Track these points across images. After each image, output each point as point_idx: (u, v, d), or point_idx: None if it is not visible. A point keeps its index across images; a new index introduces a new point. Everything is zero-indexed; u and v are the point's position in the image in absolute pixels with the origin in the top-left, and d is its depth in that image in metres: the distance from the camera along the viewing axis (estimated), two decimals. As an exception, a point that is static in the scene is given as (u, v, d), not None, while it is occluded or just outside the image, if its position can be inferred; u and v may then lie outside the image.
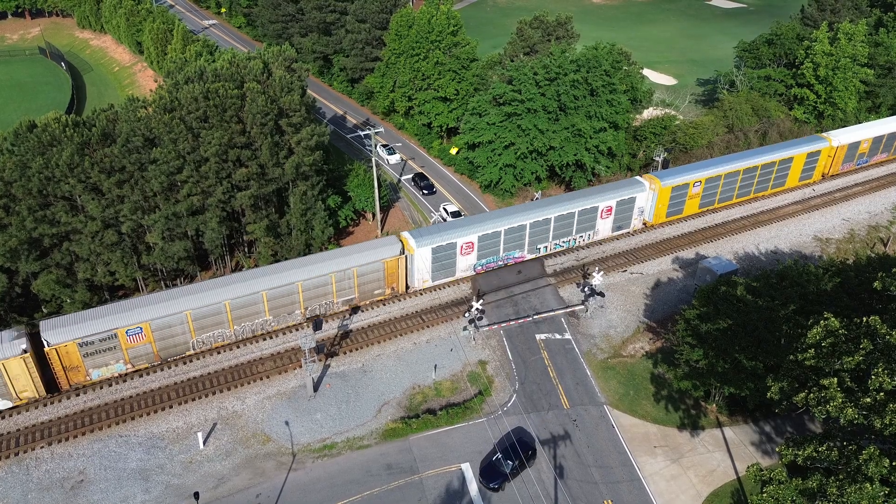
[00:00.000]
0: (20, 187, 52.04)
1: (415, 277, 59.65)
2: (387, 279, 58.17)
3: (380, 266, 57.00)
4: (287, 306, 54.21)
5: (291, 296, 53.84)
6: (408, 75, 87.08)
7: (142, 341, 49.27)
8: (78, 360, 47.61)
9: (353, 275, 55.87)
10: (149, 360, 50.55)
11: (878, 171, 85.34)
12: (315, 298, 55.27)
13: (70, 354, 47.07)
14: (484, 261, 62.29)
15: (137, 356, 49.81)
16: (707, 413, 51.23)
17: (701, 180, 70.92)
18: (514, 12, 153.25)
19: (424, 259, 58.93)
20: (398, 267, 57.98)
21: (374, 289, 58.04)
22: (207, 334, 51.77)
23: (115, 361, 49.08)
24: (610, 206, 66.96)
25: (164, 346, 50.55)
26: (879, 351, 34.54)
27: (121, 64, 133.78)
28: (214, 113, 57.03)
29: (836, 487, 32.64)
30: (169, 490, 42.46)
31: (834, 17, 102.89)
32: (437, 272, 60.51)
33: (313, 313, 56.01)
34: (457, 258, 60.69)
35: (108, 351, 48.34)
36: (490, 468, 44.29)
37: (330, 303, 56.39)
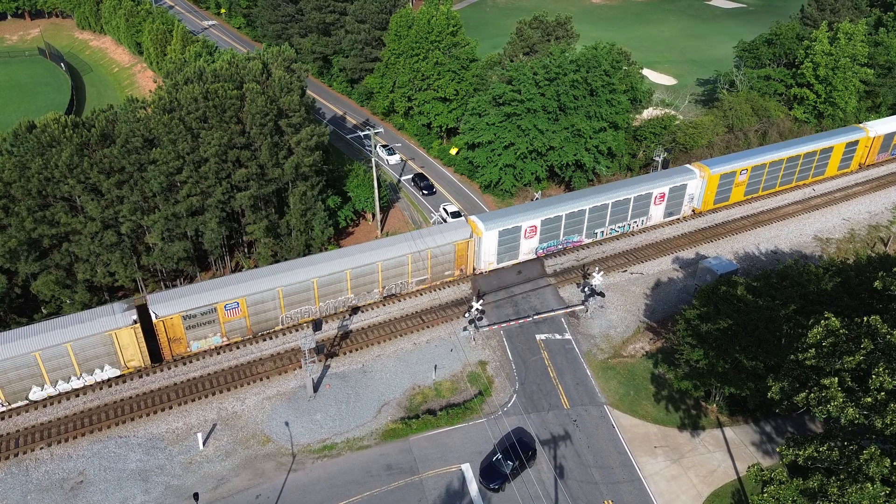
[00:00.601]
0: (20, 188, 52.00)
1: (481, 260, 62.07)
2: (457, 261, 61.04)
3: (451, 248, 59.99)
4: (367, 285, 57.26)
5: (372, 275, 56.93)
6: (407, 76, 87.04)
7: (237, 315, 52.50)
8: (181, 332, 50.88)
9: (427, 256, 58.94)
10: (242, 333, 53.62)
11: (878, 171, 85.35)
12: (392, 278, 58.28)
13: (175, 326, 50.43)
14: (545, 244, 64.77)
15: (233, 329, 53.03)
16: (707, 413, 51.17)
17: (747, 168, 73.13)
18: (513, 12, 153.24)
19: (491, 242, 61.52)
20: (468, 249, 60.94)
21: (445, 270, 61.02)
22: (295, 310, 54.77)
23: (213, 334, 52.39)
24: (663, 193, 69.36)
25: (256, 321, 53.62)
26: (880, 350, 34.49)
27: (120, 65, 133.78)
28: (214, 113, 56.98)
29: (836, 487, 32.58)
30: (169, 491, 42.40)
31: (834, 17, 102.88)
32: (502, 255, 63.02)
33: (389, 292, 58.94)
34: (521, 241, 63.16)
35: (208, 324, 51.73)
36: (490, 468, 44.23)
37: (404, 283, 59.33)
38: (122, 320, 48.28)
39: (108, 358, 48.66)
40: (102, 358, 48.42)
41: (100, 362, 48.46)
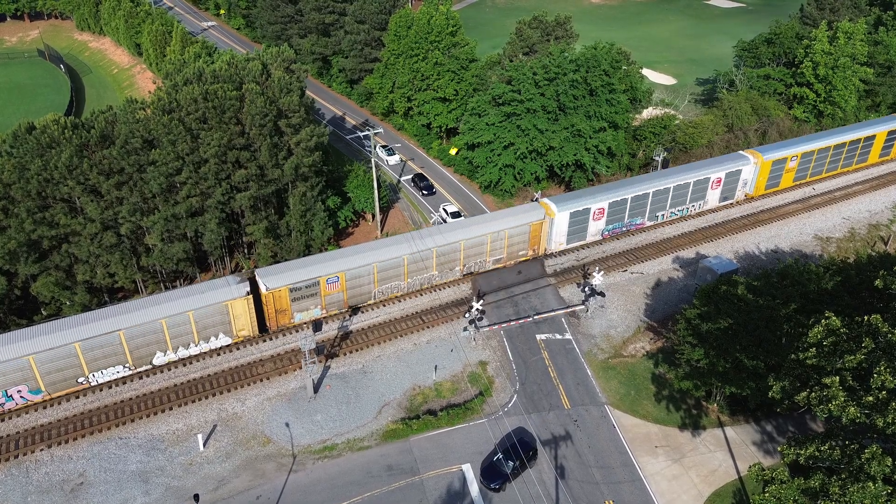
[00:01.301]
0: (19, 189, 51.96)
1: (552, 240, 64.95)
2: (531, 241, 63.75)
3: (526, 229, 62.81)
4: (450, 262, 60.38)
5: (455, 253, 60.12)
6: (407, 76, 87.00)
7: (336, 289, 55.44)
8: (287, 304, 53.93)
9: (504, 236, 61.87)
10: (339, 307, 56.57)
11: (878, 170, 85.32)
12: (472, 256, 61.39)
13: (281, 298, 53.43)
14: (611, 226, 67.70)
15: (331, 303, 55.96)
16: (708, 413, 51.12)
17: (797, 155, 76.16)
18: (513, 12, 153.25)
19: (563, 223, 64.43)
20: (541, 230, 63.71)
21: (519, 250, 63.86)
22: (387, 285, 58.08)
23: (314, 307, 55.37)
24: (720, 178, 72.20)
25: (352, 295, 56.68)
26: (881, 349, 34.45)
27: (120, 66, 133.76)
28: (213, 114, 56.95)
29: (838, 487, 32.53)
30: (169, 492, 42.34)
31: (833, 16, 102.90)
32: (571, 236, 65.92)
33: (469, 270, 62.05)
34: (589, 223, 66.15)
35: (310, 297, 54.72)
36: (491, 468, 44.19)
37: (483, 261, 62.28)
38: (237, 291, 51.49)
39: (223, 327, 52.26)
40: (218, 327, 51.90)
41: (215, 331, 51.91)
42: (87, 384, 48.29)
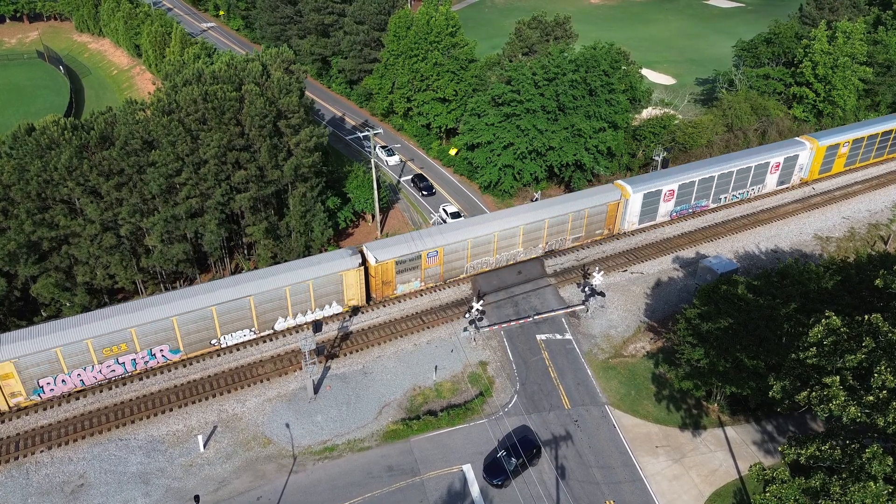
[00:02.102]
0: (19, 190, 51.92)
1: (625, 221, 68.36)
2: (607, 220, 67.48)
3: (604, 209, 66.43)
4: (534, 240, 63.88)
5: (539, 231, 63.58)
6: (406, 76, 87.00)
7: (435, 263, 59.22)
8: (392, 276, 57.70)
9: (584, 215, 65.49)
10: (435, 280, 60.43)
11: (878, 170, 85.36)
12: (554, 235, 64.90)
13: (388, 271, 57.16)
14: (678, 208, 71.23)
15: (429, 276, 59.84)
16: (709, 413, 51.10)
17: (849, 141, 79.49)
18: (512, 13, 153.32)
19: (636, 204, 67.65)
20: (617, 210, 67.26)
21: (596, 229, 67.56)
22: (477, 261, 61.63)
23: (414, 279, 59.26)
24: (779, 162, 75.31)
25: (448, 269, 60.52)
26: (882, 349, 34.42)
27: (119, 67, 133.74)
28: (213, 115, 56.94)
29: (839, 486, 32.49)
30: (169, 493, 42.31)
31: (832, 16, 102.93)
32: (643, 216, 69.37)
33: (551, 247, 65.47)
34: (660, 204, 69.53)
35: (412, 270, 58.65)
36: (494, 465, 44.29)
37: (563, 239, 65.85)
38: (350, 263, 55.23)
39: (336, 296, 55.95)
40: (332, 296, 55.63)
41: (329, 299, 55.62)
42: (217, 346, 52.29)
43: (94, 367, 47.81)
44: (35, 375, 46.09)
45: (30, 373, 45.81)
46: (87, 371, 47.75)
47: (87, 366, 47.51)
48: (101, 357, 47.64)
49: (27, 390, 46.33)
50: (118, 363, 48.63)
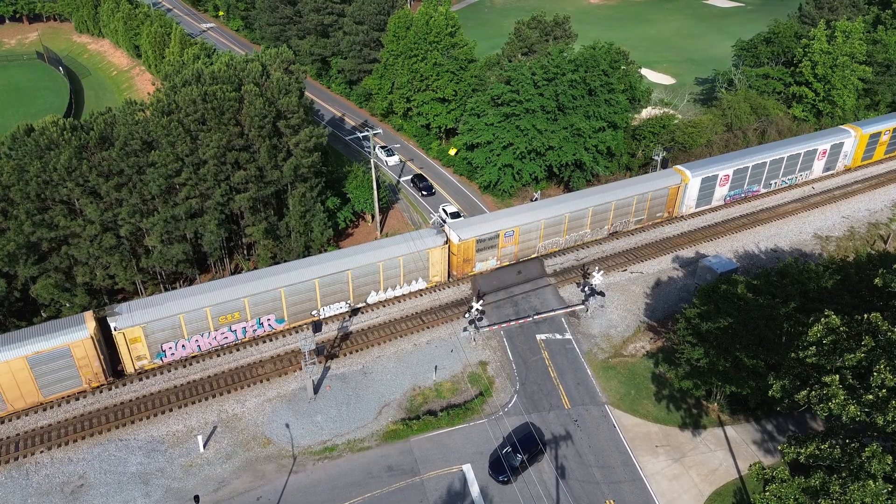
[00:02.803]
0: (18, 191, 51.88)
1: (684, 204, 71.50)
2: (667, 204, 70.53)
3: (665, 192, 69.63)
4: (601, 221, 67.11)
5: (606, 213, 66.66)
6: (406, 76, 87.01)
7: (511, 242, 62.07)
8: (472, 254, 60.78)
9: (648, 198, 68.47)
10: (510, 258, 63.28)
11: (877, 169, 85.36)
12: (619, 217, 67.92)
13: (469, 249, 60.25)
14: (732, 192, 74.58)
15: (504, 255, 62.70)
16: (708, 412, 51.10)
17: (890, 129, 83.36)
18: (511, 13, 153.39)
19: (695, 188, 70.84)
20: (677, 194, 70.35)
21: (657, 212, 70.59)
22: (548, 241, 64.48)
23: (491, 258, 62.06)
24: (825, 149, 79.04)
25: (522, 248, 63.37)
26: (881, 348, 34.44)
27: (119, 68, 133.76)
28: (212, 115, 56.92)
29: (838, 485, 32.51)
30: (169, 494, 42.31)
31: (832, 15, 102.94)
32: (700, 200, 72.49)
33: (615, 229, 68.42)
34: (715, 189, 72.80)
35: (490, 248, 61.54)
36: (499, 461, 44.43)
37: (627, 221, 68.92)
38: (436, 241, 58.55)
39: (422, 272, 59.24)
40: (418, 272, 58.91)
41: (415, 275, 58.88)
42: (317, 317, 55.72)
43: (210, 333, 51.54)
44: (159, 340, 49.80)
45: (155, 337, 49.49)
46: (204, 337, 51.52)
47: (204, 332, 51.29)
48: (216, 324, 51.45)
49: (151, 354, 50.05)
50: (231, 330, 52.42)
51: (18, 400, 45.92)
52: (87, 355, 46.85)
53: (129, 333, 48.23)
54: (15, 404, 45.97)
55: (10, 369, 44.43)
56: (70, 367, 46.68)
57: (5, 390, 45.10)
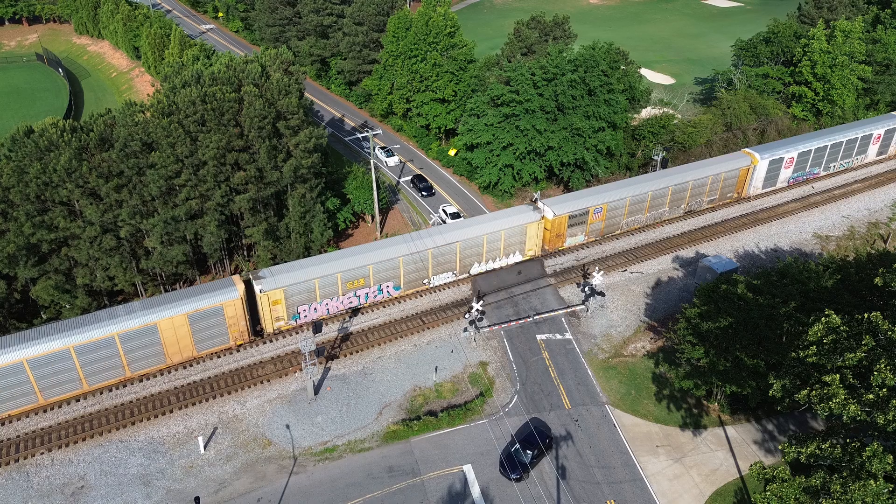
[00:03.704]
0: (18, 193, 51.91)
1: (752, 185, 75.50)
2: (737, 185, 74.50)
3: (736, 173, 73.80)
4: (678, 200, 71.13)
5: (683, 192, 70.86)
6: (405, 77, 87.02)
7: (598, 219, 65.97)
8: (564, 230, 64.86)
9: (721, 179, 72.79)
10: (596, 235, 67.19)
11: (877, 168, 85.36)
12: (695, 196, 72.06)
13: (561, 224, 64.52)
14: (795, 175, 78.81)
15: (592, 231, 66.53)
16: (709, 412, 51.09)
17: None
18: (511, 13, 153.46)
19: (762, 170, 74.90)
20: (747, 175, 74.54)
21: (728, 192, 74.65)
22: (631, 218, 68.64)
23: (580, 233, 66.02)
24: (880, 134, 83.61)
25: (607, 225, 67.54)
26: (881, 347, 34.45)
27: (118, 69, 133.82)
28: (212, 116, 56.94)
29: (839, 485, 32.50)
30: (170, 495, 42.30)
31: (831, 15, 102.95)
32: (766, 181, 76.61)
33: (691, 208, 72.63)
34: (780, 171, 76.92)
35: (579, 225, 65.64)
36: (510, 459, 44.59)
37: (701, 201, 73.06)
38: (533, 217, 62.47)
39: (519, 246, 63.11)
40: (516, 245, 62.91)
41: (514, 249, 62.91)
42: (427, 286, 60.22)
43: (338, 297, 55.84)
44: (296, 303, 54.09)
45: (293, 300, 53.79)
46: (333, 301, 55.80)
47: (333, 296, 55.60)
48: (344, 289, 55.72)
49: (288, 315, 54.25)
50: (355, 295, 56.67)
51: (177, 354, 50.69)
52: (236, 314, 51.69)
53: (272, 296, 52.59)
54: (173, 358, 50.71)
55: (174, 325, 49.26)
56: (221, 325, 51.57)
57: (168, 345, 49.85)
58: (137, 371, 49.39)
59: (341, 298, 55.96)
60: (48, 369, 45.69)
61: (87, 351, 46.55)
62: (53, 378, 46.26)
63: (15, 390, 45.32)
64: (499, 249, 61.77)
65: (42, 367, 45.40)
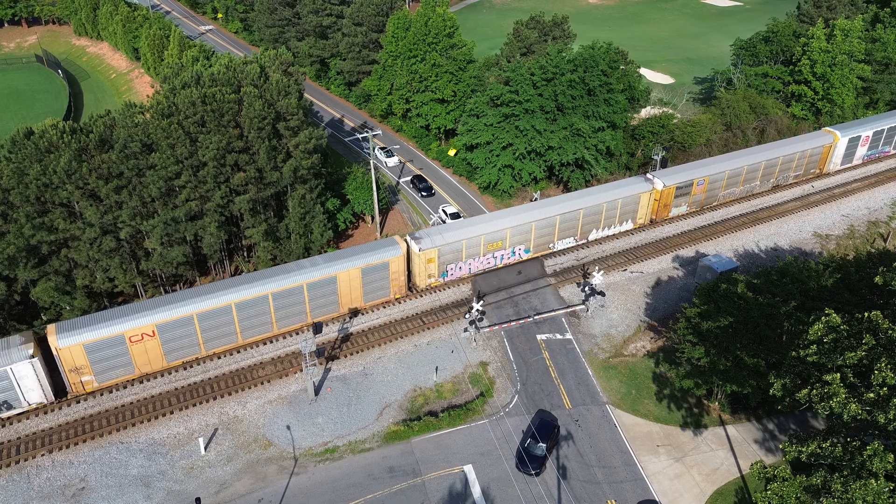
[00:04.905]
0: (18, 194, 51.90)
1: (832, 161, 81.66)
2: (820, 161, 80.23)
3: (820, 150, 79.06)
4: (768, 175, 76.89)
5: (774, 167, 76.51)
6: (405, 77, 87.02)
7: (700, 191, 71.74)
8: (670, 200, 70.27)
9: (807, 155, 78.35)
10: (697, 205, 72.84)
11: (876, 167, 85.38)
12: (782, 171, 77.60)
13: (669, 195, 69.74)
14: (869, 152, 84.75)
15: (693, 202, 72.28)
16: (709, 411, 51.09)
17: None
18: (510, 13, 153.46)
19: (842, 148, 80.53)
20: (829, 152, 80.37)
21: (811, 168, 79.99)
22: (728, 191, 74.54)
23: (683, 204, 71.59)
24: None
25: (707, 197, 73.18)
26: (882, 346, 34.44)
27: (118, 70, 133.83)
28: (212, 118, 56.94)
29: (840, 484, 32.50)
30: (171, 496, 42.30)
31: (830, 14, 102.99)
32: (844, 158, 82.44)
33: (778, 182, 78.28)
34: (857, 148, 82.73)
35: (684, 196, 70.67)
36: (527, 454, 44.86)
37: (787, 176, 78.66)
38: (646, 187, 68.17)
39: (631, 215, 68.43)
40: (629, 214, 68.16)
41: (626, 217, 68.25)
42: (551, 249, 65.39)
43: (479, 258, 61.46)
44: (446, 262, 60.00)
45: (444, 259, 59.67)
46: (475, 261, 61.48)
47: (475, 257, 61.24)
48: (485, 251, 61.28)
49: (438, 273, 60.14)
50: (493, 256, 62.10)
51: (348, 304, 56.70)
52: (399, 270, 57.55)
53: (428, 255, 58.36)
54: (345, 307, 56.69)
55: (349, 277, 55.34)
56: (385, 279, 57.36)
57: (342, 294, 55.84)
58: (315, 318, 55.60)
59: (481, 259, 61.60)
60: (251, 310, 52.25)
61: (281, 297, 52.92)
62: (252, 320, 52.72)
63: (223, 329, 51.82)
64: (614, 217, 67.28)
65: (245, 310, 51.97)
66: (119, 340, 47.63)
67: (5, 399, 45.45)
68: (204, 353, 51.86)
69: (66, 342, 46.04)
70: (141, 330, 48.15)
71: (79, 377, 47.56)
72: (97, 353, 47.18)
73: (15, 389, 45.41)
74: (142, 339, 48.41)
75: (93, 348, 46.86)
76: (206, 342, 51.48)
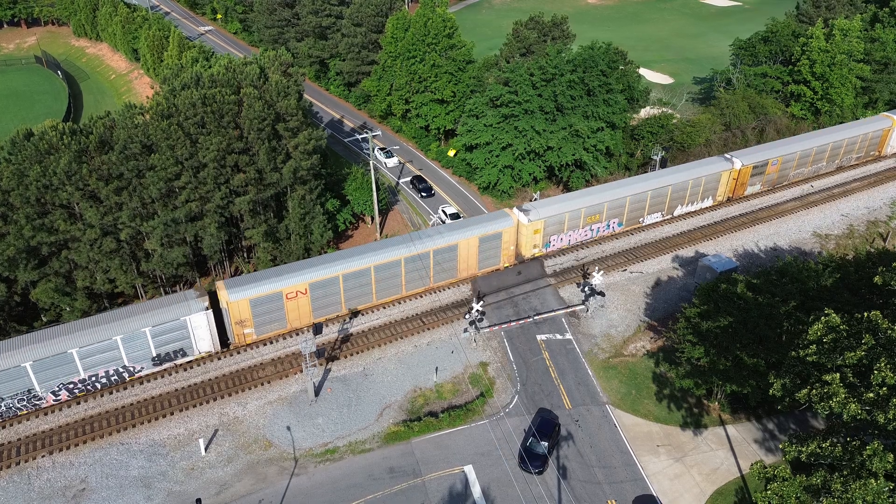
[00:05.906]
0: (18, 196, 51.96)
1: (889, 145, 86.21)
2: (879, 144, 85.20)
3: (880, 133, 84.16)
4: (833, 157, 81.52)
5: (839, 149, 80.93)
6: (404, 78, 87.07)
7: (773, 171, 75.59)
8: (747, 179, 74.47)
9: (868, 138, 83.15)
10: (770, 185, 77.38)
11: (876, 167, 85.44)
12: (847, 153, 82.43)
13: (746, 174, 73.88)
14: None
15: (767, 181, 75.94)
16: (709, 411, 51.13)
17: None
18: (509, 13, 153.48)
19: None
20: (888, 136, 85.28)
21: (871, 151, 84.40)
22: (798, 170, 78.90)
23: (757, 183, 75.78)
24: None
25: (778, 177, 77.41)
26: (881, 346, 34.46)
27: (117, 71, 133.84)
28: (211, 119, 56.98)
29: (840, 483, 32.53)
30: (171, 497, 42.32)
31: (829, 14, 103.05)
32: None
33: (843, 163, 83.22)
34: None
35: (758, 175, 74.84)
36: (528, 453, 45.00)
37: (850, 157, 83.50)
38: (727, 165, 71.91)
39: (712, 192, 72.64)
40: (710, 192, 72.48)
41: (708, 194, 72.57)
42: (640, 223, 69.64)
43: (579, 230, 65.56)
44: (549, 233, 63.99)
45: (547, 230, 63.61)
46: (575, 232, 65.58)
47: (575, 229, 65.32)
48: (584, 223, 65.35)
49: (542, 243, 63.98)
50: (591, 230, 66.18)
51: (465, 271, 61.09)
52: (510, 240, 61.82)
53: (535, 226, 62.09)
54: (462, 273, 61.07)
55: (468, 245, 59.77)
56: (497, 248, 61.54)
57: (461, 261, 60.13)
58: (437, 283, 60.06)
59: (580, 231, 65.45)
60: (386, 273, 56.65)
61: (412, 261, 57.26)
62: (386, 282, 57.10)
63: (362, 290, 56.16)
64: (697, 195, 71.10)
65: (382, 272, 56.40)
66: (278, 297, 52.51)
67: (181, 347, 50.26)
68: (344, 310, 56.30)
69: (236, 297, 51.03)
70: (296, 288, 52.98)
71: (242, 329, 52.47)
72: (259, 307, 52.15)
73: (190, 338, 50.28)
74: (296, 296, 53.23)
75: (256, 303, 51.86)
76: (347, 301, 55.90)
